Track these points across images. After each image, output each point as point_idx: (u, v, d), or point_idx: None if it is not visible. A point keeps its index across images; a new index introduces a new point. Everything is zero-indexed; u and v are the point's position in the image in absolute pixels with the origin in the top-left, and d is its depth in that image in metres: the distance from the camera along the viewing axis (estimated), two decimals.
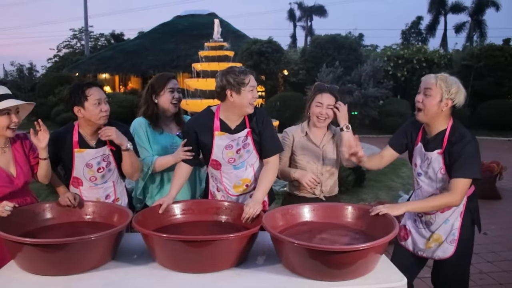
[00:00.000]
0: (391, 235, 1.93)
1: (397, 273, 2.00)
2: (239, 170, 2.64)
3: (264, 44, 18.15)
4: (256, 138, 2.59)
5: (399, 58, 18.08)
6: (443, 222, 2.53)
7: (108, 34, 33.47)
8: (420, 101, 2.45)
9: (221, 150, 2.57)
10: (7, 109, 2.34)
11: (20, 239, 1.94)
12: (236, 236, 1.98)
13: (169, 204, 2.41)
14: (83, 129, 2.61)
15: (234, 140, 2.56)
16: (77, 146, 2.58)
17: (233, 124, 2.58)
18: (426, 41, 33.84)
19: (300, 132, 2.89)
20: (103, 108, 2.51)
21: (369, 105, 15.94)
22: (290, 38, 43.51)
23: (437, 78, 2.40)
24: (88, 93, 2.48)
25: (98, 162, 2.60)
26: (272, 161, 2.59)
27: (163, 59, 23.18)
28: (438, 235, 2.56)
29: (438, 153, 2.46)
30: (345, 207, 2.36)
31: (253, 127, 2.59)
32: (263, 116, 2.62)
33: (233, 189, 2.67)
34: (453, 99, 2.39)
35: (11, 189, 2.43)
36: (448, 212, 2.51)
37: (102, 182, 2.66)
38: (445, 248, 2.55)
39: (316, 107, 2.79)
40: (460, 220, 2.52)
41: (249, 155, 2.62)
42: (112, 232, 2.03)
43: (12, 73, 26.90)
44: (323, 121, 2.80)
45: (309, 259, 1.86)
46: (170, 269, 2.02)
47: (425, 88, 2.43)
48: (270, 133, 2.61)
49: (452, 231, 2.52)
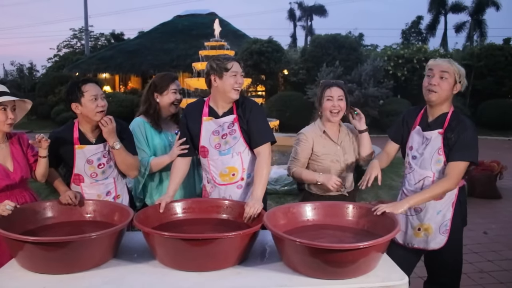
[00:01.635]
0: (393, 233, 1.93)
1: (398, 272, 1.99)
2: (225, 156, 2.63)
3: (264, 44, 18.15)
4: (243, 126, 2.61)
5: (399, 57, 18.08)
6: (435, 213, 2.55)
7: (108, 34, 33.53)
8: (436, 84, 2.47)
9: (208, 135, 2.61)
10: (3, 105, 2.40)
11: (22, 237, 1.94)
12: (238, 234, 1.97)
13: (167, 203, 2.41)
14: (83, 126, 2.64)
15: (220, 126, 2.60)
16: (78, 143, 2.60)
17: (221, 111, 2.63)
18: (426, 41, 33.82)
19: (318, 131, 2.86)
20: (100, 103, 2.53)
21: (369, 105, 15.92)
22: (290, 38, 43.49)
23: (451, 62, 2.48)
24: (84, 89, 2.52)
25: (99, 158, 2.62)
26: (263, 152, 2.58)
27: (163, 59, 23.19)
28: (427, 225, 2.57)
29: (439, 132, 2.49)
30: (346, 206, 2.35)
31: (240, 114, 2.61)
32: (251, 104, 2.65)
33: (219, 178, 2.66)
34: (462, 84, 2.49)
35: (8, 182, 2.46)
36: (440, 202, 2.53)
37: (103, 178, 2.67)
38: (439, 239, 2.56)
39: (327, 102, 2.78)
40: (452, 210, 2.55)
41: (236, 142, 2.62)
42: (113, 231, 2.03)
43: (12, 72, 27.04)
44: (337, 114, 2.78)
45: (311, 257, 1.85)
46: (171, 267, 2.02)
47: (442, 71, 2.47)
48: (259, 122, 2.63)
49: (444, 221, 2.55)
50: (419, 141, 2.59)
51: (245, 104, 2.64)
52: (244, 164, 2.66)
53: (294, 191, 6.32)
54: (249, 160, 2.67)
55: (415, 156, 2.59)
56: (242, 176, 2.66)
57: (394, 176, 7.44)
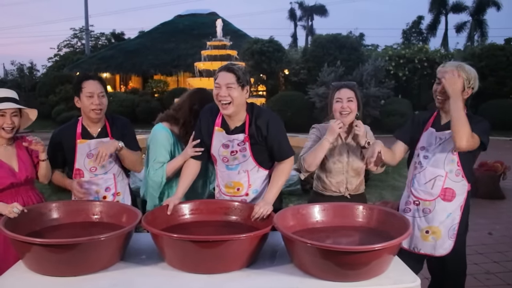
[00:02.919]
0: (405, 235, 1.91)
1: (410, 274, 1.97)
2: (232, 171, 2.57)
3: (265, 44, 18.12)
4: (256, 144, 2.49)
5: (400, 57, 18.07)
6: (445, 216, 2.52)
7: (108, 34, 33.55)
8: (444, 92, 2.45)
9: (218, 146, 2.54)
10: (2, 111, 2.46)
11: (29, 239, 1.91)
12: (248, 236, 1.95)
13: (175, 204, 2.38)
14: (85, 121, 2.71)
15: (230, 141, 2.52)
16: (80, 137, 2.67)
17: (233, 125, 2.52)
18: (427, 41, 33.84)
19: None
20: (94, 101, 2.58)
21: (370, 105, 15.89)
22: (291, 38, 43.52)
23: (458, 68, 2.43)
24: (84, 85, 2.59)
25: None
26: (285, 163, 2.53)
27: (164, 59, 23.19)
28: (436, 229, 2.54)
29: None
30: (356, 207, 2.33)
31: (253, 131, 2.48)
32: (267, 121, 2.47)
33: (224, 188, 2.62)
34: (473, 88, 2.45)
35: (13, 180, 2.50)
36: (450, 204, 2.51)
37: (102, 173, 2.69)
38: (447, 245, 2.54)
39: (337, 103, 2.73)
40: (460, 214, 2.53)
41: (245, 160, 2.54)
42: (121, 232, 2.01)
43: (13, 72, 26.95)
44: (347, 116, 2.72)
45: (322, 259, 1.83)
46: (179, 269, 2.00)
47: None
48: (277, 137, 2.50)
49: (453, 225, 2.53)
50: (432, 141, 2.56)
51: (260, 121, 2.47)
52: (250, 180, 2.58)
53: (298, 191, 6.30)
54: (257, 177, 2.58)
55: (427, 156, 2.56)
56: (247, 192, 2.58)
57: (397, 177, 7.42)
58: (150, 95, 20.22)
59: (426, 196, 2.56)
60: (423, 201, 2.57)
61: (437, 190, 2.53)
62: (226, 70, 2.41)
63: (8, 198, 2.44)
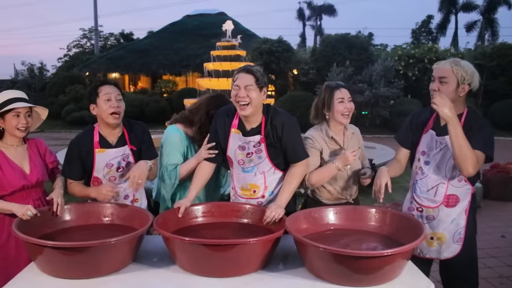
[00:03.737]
0: (419, 240, 1.88)
1: (423, 279, 1.96)
2: (248, 174, 2.57)
3: (274, 44, 18.10)
4: (272, 145, 2.49)
5: (410, 57, 17.93)
6: (449, 222, 2.48)
7: (117, 34, 33.64)
8: (436, 89, 2.39)
9: (234, 148, 2.54)
10: (16, 111, 2.46)
11: (41, 241, 1.92)
12: (260, 240, 1.94)
13: (187, 207, 2.37)
14: (102, 129, 2.59)
15: (246, 143, 2.51)
16: (98, 146, 2.56)
17: (249, 126, 2.52)
18: (436, 40, 33.54)
19: (324, 136, 2.74)
20: (112, 104, 2.48)
21: (380, 105, 15.83)
22: (300, 38, 43.43)
23: (451, 64, 2.36)
24: (100, 90, 2.51)
25: (119, 161, 2.58)
26: (298, 166, 2.50)
27: (173, 59, 23.25)
28: (441, 234, 2.50)
29: None
30: (369, 211, 2.31)
31: (268, 132, 2.48)
32: (283, 122, 2.47)
33: (240, 191, 2.62)
34: (470, 84, 2.37)
35: (24, 182, 2.49)
36: (453, 210, 2.46)
37: (121, 182, 2.62)
38: (452, 248, 2.50)
39: (339, 104, 2.66)
40: (465, 217, 2.48)
41: (261, 161, 2.53)
42: (133, 236, 2.01)
43: (23, 72, 27.09)
44: (348, 116, 2.69)
45: (335, 263, 1.82)
46: (191, 272, 1.99)
47: (440, 77, 2.38)
48: (291, 139, 2.49)
49: (458, 230, 2.48)
50: (432, 145, 2.49)
51: (275, 122, 2.47)
52: (267, 182, 2.57)
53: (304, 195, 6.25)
54: (273, 179, 2.58)
55: (428, 162, 2.50)
56: (263, 194, 2.58)
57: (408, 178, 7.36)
58: (159, 95, 20.27)
59: (429, 203, 2.51)
60: (426, 208, 2.52)
61: (440, 197, 2.47)
62: (245, 71, 2.41)
63: (19, 201, 2.43)
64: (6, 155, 2.51)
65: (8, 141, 2.54)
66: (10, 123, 2.46)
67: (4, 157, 2.49)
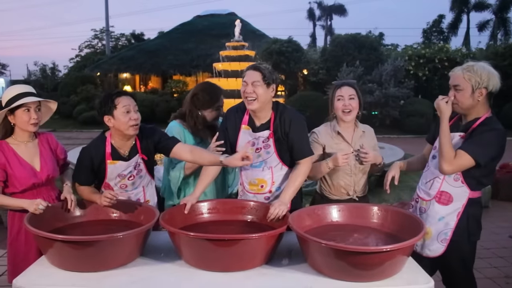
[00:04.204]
0: (419, 237, 1.92)
1: (423, 275, 1.98)
2: (256, 169, 2.63)
3: (284, 44, 18.11)
4: (279, 140, 2.56)
5: (420, 57, 17.85)
6: (437, 219, 2.48)
7: (128, 34, 33.90)
8: (453, 98, 2.42)
9: (244, 144, 2.59)
10: (27, 106, 2.43)
11: (51, 235, 1.98)
12: (263, 235, 1.99)
13: (193, 204, 2.43)
14: (115, 140, 2.55)
15: (256, 139, 2.58)
16: (110, 158, 2.52)
17: (259, 122, 2.59)
18: (448, 40, 33.35)
19: (330, 132, 2.83)
20: (132, 116, 2.43)
21: (390, 105, 15.78)
22: (310, 38, 43.38)
23: (463, 71, 2.36)
24: (117, 101, 2.43)
25: (130, 171, 2.58)
26: (303, 163, 2.56)
27: (183, 59, 23.36)
28: (428, 230, 2.49)
29: (460, 136, 2.42)
30: (371, 208, 2.35)
31: (277, 127, 2.55)
32: (291, 118, 2.55)
33: (248, 186, 2.68)
34: (487, 87, 2.34)
35: (35, 181, 2.51)
36: (444, 208, 2.46)
37: (133, 189, 2.65)
38: (435, 247, 2.50)
39: (338, 101, 2.75)
40: (456, 220, 2.45)
41: (269, 156, 2.60)
42: (139, 231, 2.07)
43: (36, 73, 27.38)
44: (349, 114, 2.75)
45: (336, 259, 1.86)
46: (196, 267, 2.04)
47: (454, 85, 2.41)
48: (300, 137, 2.56)
49: (445, 230, 2.47)
50: None
51: (284, 117, 2.55)
52: (274, 177, 2.63)
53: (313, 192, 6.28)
54: (280, 175, 2.64)
55: (435, 156, 2.53)
56: (270, 189, 2.64)
57: (416, 177, 7.34)
58: (169, 95, 20.39)
59: (424, 196, 2.56)
60: (421, 200, 2.57)
61: (433, 191, 2.50)
62: (253, 69, 2.52)
63: (30, 199, 2.42)
64: (17, 152, 2.50)
65: (18, 137, 2.52)
66: (21, 118, 2.45)
67: (15, 155, 2.49)
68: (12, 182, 2.48)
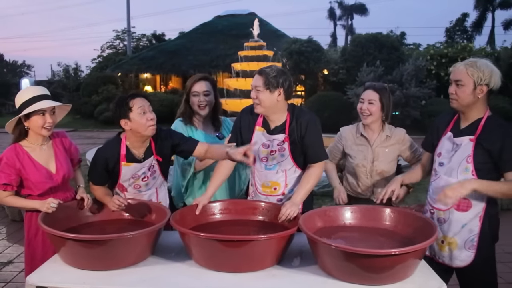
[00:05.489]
0: (431, 240, 1.88)
1: (436, 279, 1.95)
2: (270, 171, 2.61)
3: (304, 44, 18.06)
4: (295, 143, 2.53)
5: (442, 57, 17.59)
6: (460, 227, 2.39)
7: (149, 35, 34.20)
8: (453, 93, 2.36)
9: (258, 145, 2.59)
10: (42, 110, 2.42)
11: (64, 234, 2.01)
12: (274, 236, 1.98)
13: (204, 204, 2.43)
14: (131, 142, 2.53)
15: (270, 141, 2.56)
16: (124, 160, 2.51)
17: (273, 124, 2.58)
18: (471, 39, 32.71)
19: (354, 132, 2.90)
20: (149, 116, 2.43)
21: (410, 105, 15.58)
22: (330, 37, 43.13)
23: (466, 66, 2.31)
24: (132, 103, 2.42)
25: (144, 172, 2.59)
26: (316, 167, 2.54)
27: (203, 59, 23.48)
28: (452, 240, 2.41)
29: (469, 139, 2.34)
30: (384, 210, 2.31)
31: (293, 130, 2.53)
32: (307, 122, 2.52)
33: (261, 188, 2.66)
34: (488, 84, 2.29)
35: (51, 184, 2.51)
36: (465, 215, 2.37)
37: (146, 190, 2.66)
38: (464, 256, 2.40)
39: (359, 103, 2.82)
40: (480, 224, 2.37)
41: (284, 159, 2.58)
42: (150, 230, 2.08)
43: (59, 73, 27.86)
44: (366, 118, 2.78)
45: (346, 262, 1.84)
46: (205, 267, 2.05)
47: (456, 80, 2.35)
48: (315, 141, 2.53)
49: (471, 236, 2.38)
50: (449, 147, 2.44)
51: (300, 121, 2.52)
52: (287, 180, 2.62)
53: (331, 192, 6.23)
54: (293, 177, 2.62)
55: (442, 163, 2.45)
56: (283, 192, 2.62)
57: None
58: None
59: (440, 206, 2.44)
60: (437, 211, 2.46)
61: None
62: (258, 73, 2.51)
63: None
64: (32, 156, 2.48)
65: (32, 140, 2.50)
66: (36, 122, 2.43)
67: (30, 159, 2.47)
68: (28, 185, 2.48)
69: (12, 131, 2.52)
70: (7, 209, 5.57)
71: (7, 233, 5.05)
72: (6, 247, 4.58)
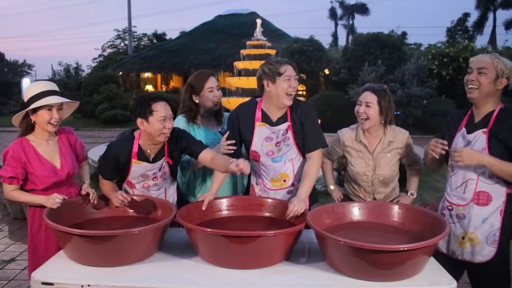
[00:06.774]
0: (441, 236, 1.86)
1: (446, 276, 1.93)
2: (277, 163, 2.61)
3: (305, 43, 18.03)
4: (297, 132, 2.55)
5: (444, 56, 17.55)
6: (481, 221, 2.37)
7: (150, 34, 34.18)
8: (474, 79, 2.35)
9: (261, 141, 2.57)
10: (49, 105, 2.41)
11: (69, 229, 1.99)
12: (281, 232, 1.96)
13: (210, 200, 2.42)
14: (143, 141, 2.51)
15: (274, 133, 2.55)
16: (136, 157, 2.49)
17: (274, 116, 2.57)
18: (473, 39, 32.65)
19: (353, 136, 2.75)
20: (167, 125, 2.41)
21: (412, 105, 15.55)
22: (332, 37, 43.13)
23: (491, 57, 2.34)
24: (155, 108, 2.39)
25: (154, 173, 2.57)
26: (314, 157, 2.54)
27: (205, 58, 23.46)
28: (473, 235, 2.38)
29: (483, 132, 2.33)
30: (391, 206, 2.30)
31: (294, 119, 2.54)
32: (307, 109, 2.56)
33: (270, 183, 2.64)
34: (508, 78, 2.32)
35: (55, 179, 2.50)
36: (486, 209, 2.36)
37: (155, 189, 2.64)
38: (486, 251, 2.38)
39: (357, 106, 2.69)
40: (501, 218, 2.36)
41: (289, 149, 2.58)
42: (156, 226, 2.06)
43: (60, 72, 27.92)
44: (364, 122, 2.65)
45: (355, 258, 1.82)
46: (212, 264, 2.03)
47: (479, 68, 2.34)
48: (312, 126, 2.56)
49: (492, 231, 2.36)
50: (463, 143, 2.43)
51: (300, 109, 2.55)
52: (295, 170, 2.62)
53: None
54: (299, 166, 2.62)
55: None
56: (293, 182, 2.62)
57: (439, 178, 7.22)
58: None
59: (459, 201, 2.42)
60: (456, 206, 2.44)
61: (469, 195, 2.39)
62: (290, 64, 2.56)
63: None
64: (38, 151, 2.48)
65: (39, 135, 2.50)
66: (43, 117, 2.42)
67: (35, 153, 2.47)
68: (33, 180, 2.47)
69: (19, 124, 2.52)
70: (9, 207, 5.55)
71: (9, 231, 5.03)
72: (8, 245, 4.56)
